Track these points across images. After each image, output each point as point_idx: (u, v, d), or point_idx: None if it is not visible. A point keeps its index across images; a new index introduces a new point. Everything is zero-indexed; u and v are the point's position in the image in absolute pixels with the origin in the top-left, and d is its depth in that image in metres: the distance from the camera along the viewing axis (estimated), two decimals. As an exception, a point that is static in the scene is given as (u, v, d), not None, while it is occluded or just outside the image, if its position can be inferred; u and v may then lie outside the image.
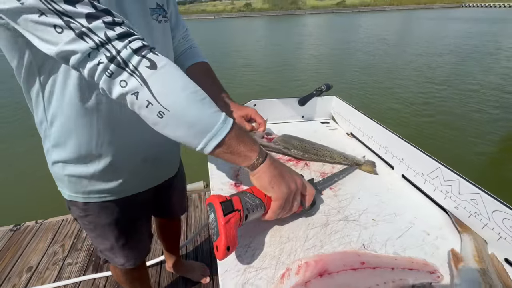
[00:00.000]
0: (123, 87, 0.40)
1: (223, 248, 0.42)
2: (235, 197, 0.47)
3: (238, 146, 0.45)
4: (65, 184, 0.68)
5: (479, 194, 0.50)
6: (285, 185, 0.48)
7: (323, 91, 1.01)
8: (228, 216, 0.43)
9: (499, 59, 7.63)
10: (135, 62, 0.40)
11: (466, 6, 50.54)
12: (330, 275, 0.43)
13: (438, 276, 0.44)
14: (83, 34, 0.38)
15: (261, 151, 0.48)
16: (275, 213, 0.49)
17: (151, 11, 0.62)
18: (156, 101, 0.40)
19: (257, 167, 0.47)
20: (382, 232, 0.53)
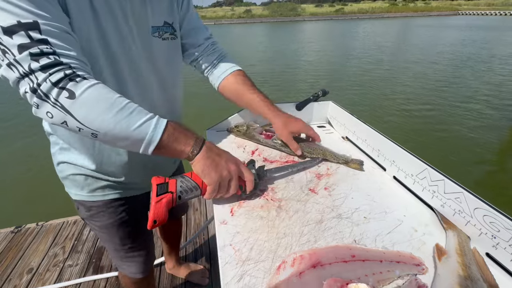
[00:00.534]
0: (51, 118, 0.44)
1: (151, 221, 0.51)
2: (172, 180, 0.55)
3: (173, 144, 0.51)
4: (71, 183, 0.72)
5: (462, 193, 0.54)
6: (216, 173, 0.55)
7: (319, 97, 1.06)
8: (160, 196, 0.52)
9: (492, 68, 7.75)
10: (54, 94, 0.43)
11: (463, 14, 51.38)
12: (322, 266, 0.46)
13: (423, 268, 0.48)
14: (11, 64, 0.42)
15: (196, 143, 0.54)
16: (210, 194, 0.56)
17: (154, 29, 0.64)
18: (85, 126, 0.45)
19: (193, 157, 0.54)
20: (373, 229, 0.56)
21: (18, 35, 0.41)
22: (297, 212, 0.60)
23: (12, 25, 0.40)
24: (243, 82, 0.81)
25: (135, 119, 0.47)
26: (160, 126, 0.49)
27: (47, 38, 0.43)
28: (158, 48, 0.66)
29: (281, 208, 0.61)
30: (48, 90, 0.43)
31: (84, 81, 0.45)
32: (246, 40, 18.47)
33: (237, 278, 0.45)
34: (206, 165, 0.54)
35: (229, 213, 0.60)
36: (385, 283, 0.45)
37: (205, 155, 0.55)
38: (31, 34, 0.42)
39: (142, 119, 0.48)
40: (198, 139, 0.55)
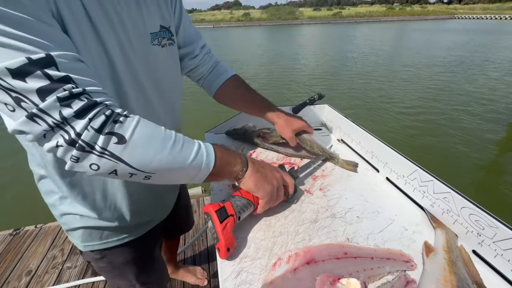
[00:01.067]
0: (95, 170, 0.37)
1: (224, 249, 0.49)
2: (227, 203, 0.53)
3: (224, 167, 0.50)
4: (81, 235, 0.63)
5: (450, 193, 0.57)
6: (268, 184, 0.55)
7: (315, 100, 1.08)
8: (224, 222, 0.50)
9: (487, 70, 7.85)
10: (101, 142, 0.36)
11: (459, 18, 52.02)
12: (316, 263, 0.48)
13: (412, 265, 0.50)
14: (34, 115, 0.33)
15: (243, 161, 0.54)
16: (263, 208, 0.57)
17: (153, 36, 0.57)
18: (139, 170, 0.39)
19: (243, 175, 0.54)
20: (365, 228, 0.58)
21: (34, 76, 0.32)
22: (292, 212, 0.63)
23: (22, 65, 0.32)
24: (240, 86, 0.82)
25: (188, 151, 0.44)
26: (210, 153, 0.47)
27: (68, 74, 0.35)
28: (159, 58, 0.60)
29: (277, 208, 0.64)
30: (92, 139, 0.35)
31: (128, 120, 0.39)
32: (244, 43, 18.59)
33: (235, 274, 0.47)
34: (258, 180, 0.54)
35: (227, 213, 0.62)
36: (376, 278, 0.47)
37: (253, 170, 0.54)
38: (49, 73, 0.33)
39: (194, 149, 0.45)
40: (242, 156, 0.55)
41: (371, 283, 0.46)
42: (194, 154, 0.44)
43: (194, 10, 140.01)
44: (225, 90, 0.80)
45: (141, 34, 0.54)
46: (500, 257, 0.48)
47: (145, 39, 0.55)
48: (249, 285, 0.45)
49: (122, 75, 0.51)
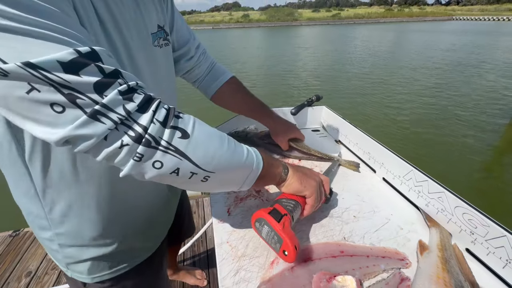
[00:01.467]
0: (158, 168, 0.34)
1: (292, 248, 0.45)
2: (276, 205, 0.51)
3: (270, 169, 0.48)
4: (87, 268, 0.56)
5: (444, 193, 0.58)
6: (312, 179, 0.55)
7: (313, 102, 1.10)
8: (281, 221, 0.47)
9: (484, 71, 7.90)
10: (167, 137, 0.33)
11: (457, 19, 52.30)
12: (313, 261, 0.49)
13: (407, 263, 0.51)
14: (97, 113, 0.29)
15: (283, 163, 0.53)
16: (313, 206, 0.54)
17: (153, 37, 0.54)
18: (201, 169, 0.37)
19: (286, 176, 0.52)
20: (361, 227, 0.60)
21: (88, 70, 0.29)
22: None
23: (75, 58, 0.28)
24: (238, 90, 0.81)
25: (240, 148, 0.43)
26: (257, 153, 0.46)
27: (117, 68, 0.32)
28: (159, 59, 0.57)
29: (276, 208, 0.65)
30: (158, 133, 0.33)
31: (186, 115, 0.37)
32: (243, 45, 18.63)
33: (233, 272, 0.48)
34: (302, 177, 0.53)
35: (226, 212, 0.63)
36: (371, 276, 0.48)
37: (295, 170, 0.53)
38: (102, 66, 0.30)
39: (244, 147, 0.44)
40: (279, 159, 0.55)
41: (366, 280, 0.48)
42: (246, 152, 0.43)
43: (193, 12, 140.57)
44: (224, 93, 0.80)
45: (144, 35, 0.51)
46: (492, 255, 0.49)
47: (148, 41, 0.52)
48: (247, 283, 0.47)
49: None
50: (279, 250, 0.47)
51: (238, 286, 0.46)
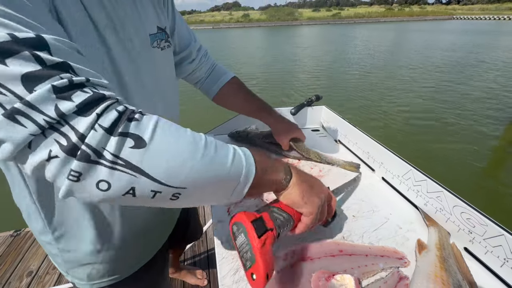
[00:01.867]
0: (105, 190, 0.26)
1: (263, 275, 0.36)
2: (264, 214, 0.42)
3: (265, 176, 0.39)
4: (86, 274, 0.55)
5: (443, 192, 0.58)
6: (316, 196, 0.44)
7: (313, 101, 1.10)
8: (262, 237, 0.38)
9: (485, 71, 7.90)
10: (113, 147, 0.26)
11: (457, 18, 52.22)
12: (312, 260, 0.50)
13: (405, 262, 0.51)
14: (17, 112, 0.23)
15: (286, 167, 0.43)
16: (307, 226, 0.45)
17: (152, 37, 0.52)
18: (166, 185, 0.28)
19: (287, 184, 0.43)
20: (360, 226, 0.60)
21: (19, 58, 0.23)
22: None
23: (3, 42, 0.23)
24: (240, 90, 0.81)
25: (223, 152, 0.33)
26: (249, 156, 0.36)
27: (67, 60, 0.26)
28: (159, 61, 0.56)
29: (275, 207, 0.65)
30: (100, 143, 0.25)
31: (146, 118, 0.29)
32: (243, 45, 18.64)
33: (233, 271, 0.49)
34: (305, 190, 0.43)
35: (226, 212, 0.64)
36: (370, 275, 0.48)
37: (299, 178, 0.44)
38: (42, 56, 0.24)
39: (230, 150, 0.35)
40: (282, 161, 0.44)
41: (365, 279, 0.48)
42: (231, 157, 0.34)
43: (194, 11, 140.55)
44: (225, 94, 0.80)
45: (141, 36, 0.50)
46: (490, 253, 0.49)
47: (146, 42, 0.51)
48: (247, 282, 0.47)
49: (129, 83, 0.47)
50: (247, 269, 0.38)
51: (238, 285, 0.47)
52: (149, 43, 0.52)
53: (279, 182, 0.42)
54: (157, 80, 0.56)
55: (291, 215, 0.44)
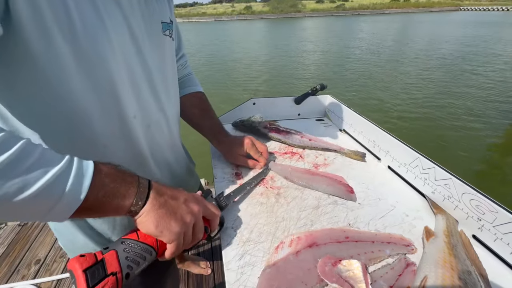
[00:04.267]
0: None
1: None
2: (110, 253, 0.35)
3: (102, 201, 0.34)
4: None
5: (451, 179, 0.57)
6: (177, 223, 0.39)
7: (318, 90, 1.08)
8: (97, 287, 0.32)
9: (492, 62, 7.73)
10: None
11: (464, 9, 50.94)
12: (318, 246, 0.49)
13: (412, 248, 0.51)
14: None
15: (140, 191, 0.37)
16: (173, 254, 0.41)
17: (165, 26, 0.55)
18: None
19: (137, 213, 0.37)
20: (366, 214, 0.59)
21: None
22: (295, 198, 0.64)
23: None
24: (197, 106, 0.77)
25: (38, 171, 0.29)
26: (85, 175, 0.32)
27: None
28: (169, 51, 0.57)
29: (280, 195, 0.65)
30: None
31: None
32: (245, 37, 18.41)
33: (238, 256, 0.49)
34: (161, 217, 0.38)
35: (231, 199, 0.63)
36: (376, 261, 0.48)
37: (155, 204, 0.38)
38: None
39: (52, 168, 0.30)
40: (142, 183, 0.38)
41: (371, 265, 0.47)
42: (53, 174, 0.29)
43: (195, 4, 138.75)
44: (183, 103, 0.73)
45: (151, 20, 0.51)
46: (500, 241, 0.49)
47: (157, 27, 0.52)
48: (252, 267, 0.47)
49: (135, 67, 0.48)
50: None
51: (243, 269, 0.46)
52: (161, 28, 0.54)
53: (124, 209, 0.36)
54: (162, 66, 0.56)
55: (151, 245, 0.39)
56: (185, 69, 0.78)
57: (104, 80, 0.43)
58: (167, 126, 0.60)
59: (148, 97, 0.52)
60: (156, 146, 0.57)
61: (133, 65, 0.47)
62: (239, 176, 0.72)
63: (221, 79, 7.23)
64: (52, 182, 0.29)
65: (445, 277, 0.40)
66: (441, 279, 0.40)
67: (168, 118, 0.59)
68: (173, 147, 0.65)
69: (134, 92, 0.49)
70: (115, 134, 0.48)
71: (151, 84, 0.53)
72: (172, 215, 0.39)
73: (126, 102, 0.47)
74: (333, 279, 0.42)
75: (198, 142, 1.30)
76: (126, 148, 0.50)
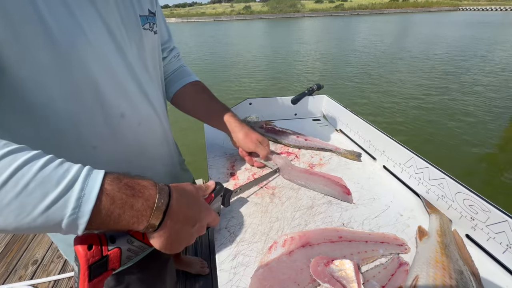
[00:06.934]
0: None
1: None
2: (115, 251, 0.36)
3: (113, 217, 0.32)
4: None
5: (445, 179, 0.57)
6: (183, 244, 0.40)
7: (314, 91, 1.08)
8: (97, 279, 0.34)
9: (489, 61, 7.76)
10: None
11: (463, 9, 51.06)
12: (311, 246, 0.49)
13: (406, 248, 0.51)
14: None
15: (153, 218, 0.35)
16: None
17: (143, 19, 0.52)
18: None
19: (150, 233, 0.37)
20: (361, 214, 0.59)
21: None
22: (289, 198, 0.64)
23: None
24: (202, 92, 0.75)
25: (39, 190, 0.27)
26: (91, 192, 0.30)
27: None
28: (150, 45, 0.55)
29: (275, 195, 0.65)
30: None
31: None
32: (244, 37, 18.42)
33: (232, 257, 0.49)
34: (172, 242, 0.38)
35: (225, 199, 0.63)
36: (369, 260, 0.48)
37: (168, 231, 0.37)
38: None
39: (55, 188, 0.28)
40: (158, 206, 0.35)
41: (364, 265, 0.48)
42: (58, 192, 0.28)
43: (194, 4, 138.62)
44: (185, 94, 0.73)
45: (131, 16, 0.49)
46: (493, 240, 0.49)
47: (134, 21, 0.50)
48: (245, 267, 0.47)
49: (117, 65, 0.46)
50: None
51: (236, 270, 0.46)
52: (140, 22, 0.52)
53: (136, 229, 0.34)
54: (144, 62, 0.54)
55: (153, 246, 0.39)
56: (178, 61, 0.77)
57: (85, 82, 0.42)
58: (159, 121, 0.59)
59: (134, 94, 0.51)
60: (148, 143, 0.57)
61: (114, 63, 0.46)
62: (234, 177, 0.72)
63: (218, 79, 7.23)
64: (50, 209, 0.28)
65: (436, 276, 0.40)
66: (433, 278, 0.40)
67: (158, 114, 0.58)
68: (166, 143, 0.65)
69: (119, 90, 0.47)
70: (103, 134, 0.47)
71: (137, 81, 0.51)
72: (181, 240, 0.40)
73: (111, 102, 0.46)
74: (325, 279, 0.42)
75: (195, 142, 1.30)
76: (116, 148, 0.50)
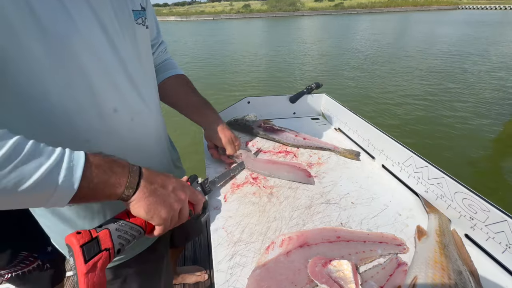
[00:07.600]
0: None
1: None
2: (104, 231, 0.39)
3: (95, 190, 0.36)
4: None
5: (444, 178, 0.57)
6: (165, 209, 0.43)
7: (313, 89, 1.08)
8: (91, 261, 0.36)
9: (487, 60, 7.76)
10: None
11: (463, 8, 51.06)
12: (309, 246, 0.49)
13: (404, 248, 0.50)
14: None
15: (130, 180, 0.40)
16: (160, 233, 0.45)
17: (136, 14, 0.53)
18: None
19: (130, 198, 0.40)
20: (359, 213, 0.59)
21: None
22: (287, 198, 0.63)
23: None
24: (184, 85, 0.76)
25: (32, 164, 0.32)
26: (76, 167, 0.34)
27: None
28: (143, 40, 0.55)
29: (273, 194, 0.64)
30: None
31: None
32: (244, 35, 18.39)
33: (228, 257, 0.48)
34: (151, 204, 0.41)
35: (223, 199, 0.63)
36: (367, 261, 0.48)
37: (145, 193, 0.41)
38: None
39: (45, 162, 0.33)
40: (133, 172, 0.41)
41: (362, 265, 0.47)
42: (46, 167, 0.32)
43: (194, 2, 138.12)
44: (167, 86, 0.74)
45: (124, 11, 0.50)
46: (492, 240, 0.48)
47: (127, 16, 0.51)
48: (242, 267, 0.46)
49: (109, 60, 0.47)
50: None
51: (233, 270, 0.46)
52: (133, 17, 0.52)
53: (116, 196, 0.39)
54: (140, 57, 0.55)
55: (140, 225, 0.43)
56: (165, 54, 0.78)
57: (78, 76, 0.43)
58: (151, 117, 0.59)
59: (127, 89, 0.51)
60: (141, 139, 0.57)
61: (107, 57, 0.46)
62: (231, 176, 0.71)
63: (216, 78, 7.21)
64: (46, 175, 0.32)
65: (435, 277, 0.39)
66: (431, 279, 0.39)
67: (151, 109, 0.58)
68: (159, 139, 0.64)
69: (111, 85, 0.48)
70: (96, 129, 0.48)
71: (129, 76, 0.51)
72: (161, 203, 0.43)
73: (103, 96, 0.47)
74: (323, 279, 0.42)
75: (193, 142, 1.29)
76: (109, 142, 0.50)
